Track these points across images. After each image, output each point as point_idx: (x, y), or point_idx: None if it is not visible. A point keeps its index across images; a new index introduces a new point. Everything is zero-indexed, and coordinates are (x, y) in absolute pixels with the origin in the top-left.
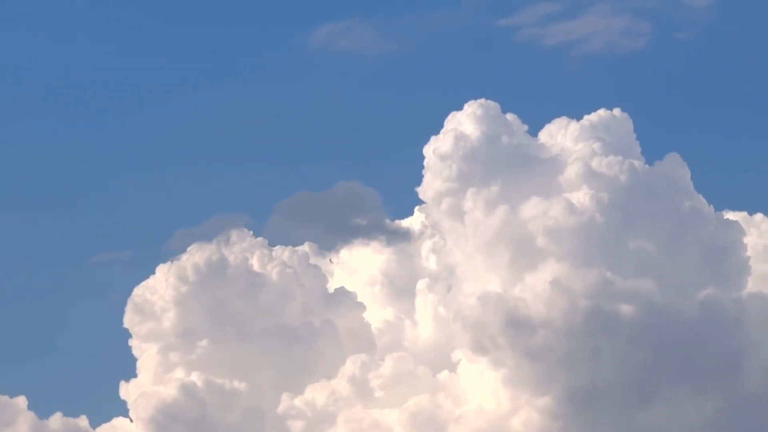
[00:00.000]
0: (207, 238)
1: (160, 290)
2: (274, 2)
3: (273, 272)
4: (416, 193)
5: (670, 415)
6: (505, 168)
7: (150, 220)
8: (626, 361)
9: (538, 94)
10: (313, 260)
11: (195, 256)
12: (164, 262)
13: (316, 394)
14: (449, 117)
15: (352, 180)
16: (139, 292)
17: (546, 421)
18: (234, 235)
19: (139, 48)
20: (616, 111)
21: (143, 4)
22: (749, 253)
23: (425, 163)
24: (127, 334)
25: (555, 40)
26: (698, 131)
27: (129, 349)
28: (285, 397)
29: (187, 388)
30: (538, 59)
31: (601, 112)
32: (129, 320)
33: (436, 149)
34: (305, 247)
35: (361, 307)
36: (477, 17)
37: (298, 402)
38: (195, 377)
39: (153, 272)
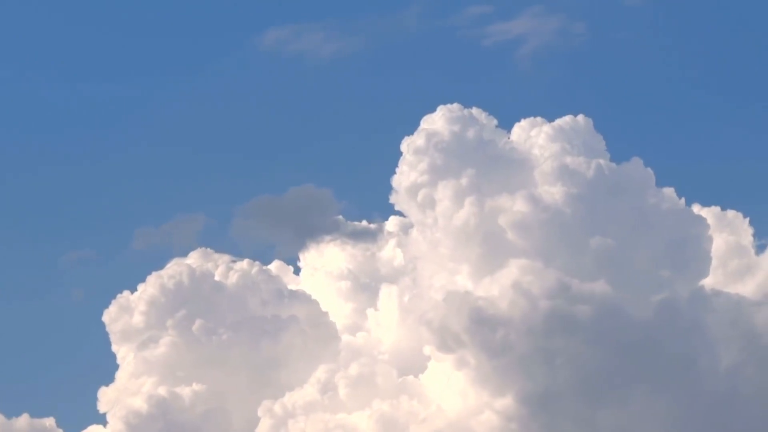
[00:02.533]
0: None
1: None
2: (220, 7)
3: (235, 281)
4: (373, 194)
5: (628, 416)
6: (476, 163)
7: (112, 219)
8: (584, 362)
9: (493, 94)
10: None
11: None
12: (128, 261)
13: (284, 399)
14: (425, 117)
15: (306, 183)
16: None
17: (504, 422)
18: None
19: (96, 53)
20: (580, 117)
21: (91, 7)
22: (722, 249)
23: (402, 156)
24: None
25: (491, 41)
26: (660, 130)
27: (101, 347)
28: (253, 402)
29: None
30: (484, 59)
31: (568, 118)
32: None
33: (411, 143)
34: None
35: (326, 315)
36: (422, 19)
37: (266, 406)
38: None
39: (117, 270)
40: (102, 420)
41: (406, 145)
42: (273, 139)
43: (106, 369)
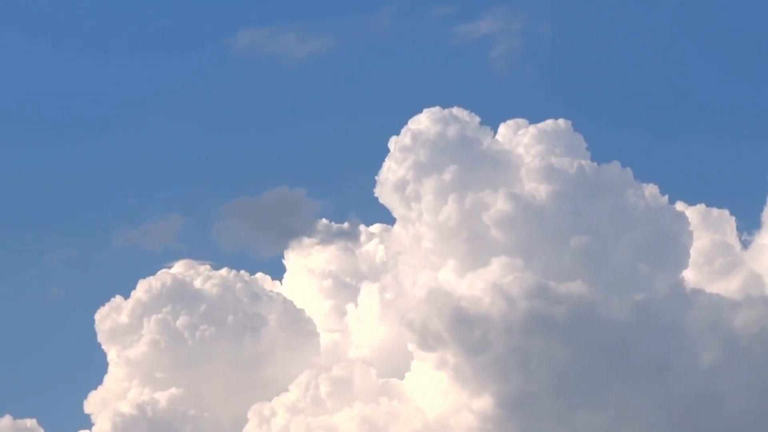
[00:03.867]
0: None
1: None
2: (193, 10)
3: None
4: (352, 193)
5: (606, 417)
6: (460, 160)
7: (92, 220)
8: (562, 363)
9: (469, 94)
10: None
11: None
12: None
13: (270, 403)
14: (412, 119)
15: (283, 185)
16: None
17: (482, 422)
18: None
19: (72, 55)
20: (561, 121)
21: (61, 10)
22: (707, 247)
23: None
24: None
25: (459, 42)
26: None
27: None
28: (237, 406)
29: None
30: (456, 60)
31: (549, 121)
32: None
33: (398, 141)
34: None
35: (310, 322)
36: (394, 20)
37: (253, 409)
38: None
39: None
40: (87, 422)
41: (394, 142)
42: (249, 140)
43: (89, 368)
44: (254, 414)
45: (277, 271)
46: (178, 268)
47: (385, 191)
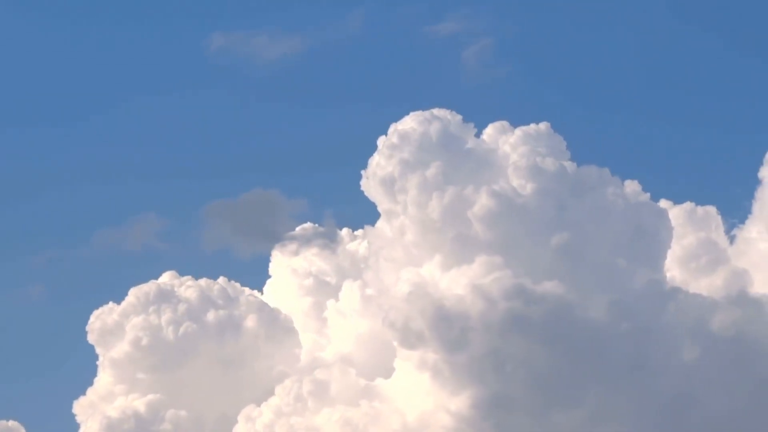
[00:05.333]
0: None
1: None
2: (167, 14)
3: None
4: (330, 194)
5: (583, 417)
6: (444, 157)
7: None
8: (539, 363)
9: (445, 93)
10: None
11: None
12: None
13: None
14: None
15: (262, 187)
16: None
17: (458, 423)
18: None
19: (48, 53)
20: (543, 124)
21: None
22: (693, 245)
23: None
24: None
25: (430, 41)
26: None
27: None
28: (221, 411)
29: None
30: (429, 59)
31: (533, 125)
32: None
33: (385, 140)
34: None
35: (289, 320)
36: (364, 22)
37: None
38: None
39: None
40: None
41: (382, 141)
42: (227, 143)
43: (72, 366)
44: (241, 416)
45: (260, 271)
46: (164, 278)
47: (371, 185)
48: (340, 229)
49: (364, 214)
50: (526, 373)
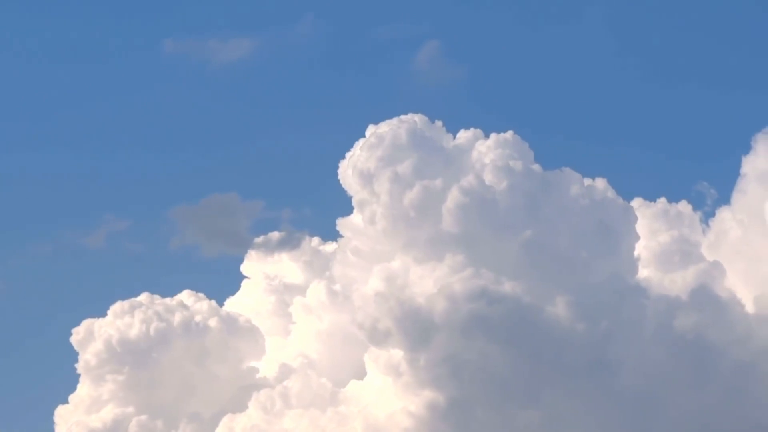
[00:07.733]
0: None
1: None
2: (121, 17)
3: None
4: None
5: (543, 418)
6: (417, 155)
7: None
8: (501, 364)
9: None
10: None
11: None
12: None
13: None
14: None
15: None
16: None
17: (417, 423)
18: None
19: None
20: (509, 133)
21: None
22: (666, 242)
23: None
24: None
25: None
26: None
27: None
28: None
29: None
30: (380, 62)
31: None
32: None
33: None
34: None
35: (261, 338)
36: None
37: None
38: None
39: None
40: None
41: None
42: (188, 146)
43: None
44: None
45: (228, 273)
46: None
47: (347, 177)
48: (310, 236)
49: (325, 215)
50: (487, 374)
